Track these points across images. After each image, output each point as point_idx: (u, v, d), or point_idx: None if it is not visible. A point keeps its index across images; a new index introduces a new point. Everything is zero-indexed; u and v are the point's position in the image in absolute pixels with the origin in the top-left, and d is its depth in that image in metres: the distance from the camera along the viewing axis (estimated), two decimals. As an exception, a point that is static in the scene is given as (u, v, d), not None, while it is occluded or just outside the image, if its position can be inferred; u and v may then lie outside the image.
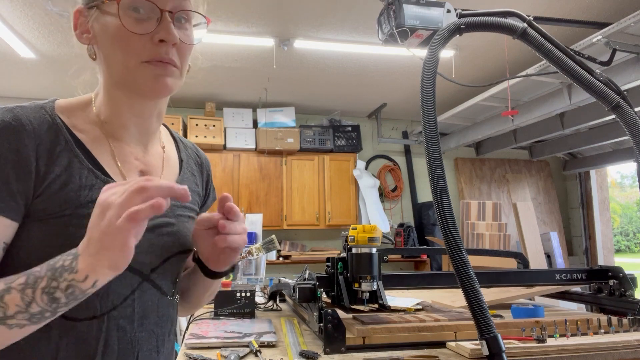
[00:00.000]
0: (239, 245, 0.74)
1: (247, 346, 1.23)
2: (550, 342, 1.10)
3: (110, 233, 0.56)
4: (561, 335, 1.16)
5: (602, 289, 1.60)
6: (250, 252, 2.00)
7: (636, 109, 1.31)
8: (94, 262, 0.58)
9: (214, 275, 0.83)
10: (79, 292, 0.59)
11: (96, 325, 0.69)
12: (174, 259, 0.81)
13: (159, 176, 0.83)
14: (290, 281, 1.81)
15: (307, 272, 1.52)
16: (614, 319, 1.24)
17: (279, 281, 2.09)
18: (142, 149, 0.82)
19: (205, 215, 0.77)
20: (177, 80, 0.76)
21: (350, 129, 5.49)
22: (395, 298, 1.72)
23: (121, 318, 0.72)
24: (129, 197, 0.57)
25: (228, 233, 0.73)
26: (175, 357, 1.02)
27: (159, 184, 0.58)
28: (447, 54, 3.85)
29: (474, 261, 1.02)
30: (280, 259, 5.09)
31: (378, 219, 5.33)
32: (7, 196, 0.64)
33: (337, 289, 1.37)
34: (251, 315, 1.66)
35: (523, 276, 1.64)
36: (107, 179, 0.73)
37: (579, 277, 1.60)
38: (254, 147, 5.13)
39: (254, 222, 3.00)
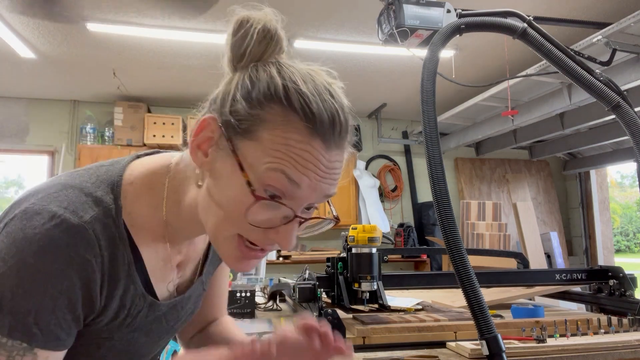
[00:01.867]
0: None
1: (247, 346, 1.23)
2: (550, 342, 1.10)
3: None
4: (561, 335, 1.16)
5: (602, 289, 1.60)
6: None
7: (636, 109, 1.31)
8: None
9: None
10: None
11: None
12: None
13: (194, 264, 0.79)
14: (290, 281, 1.81)
15: (307, 272, 1.52)
16: (614, 319, 1.24)
17: (279, 281, 2.09)
18: (189, 242, 0.76)
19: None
20: (260, 260, 0.72)
21: (350, 129, 5.48)
22: (395, 298, 1.72)
23: None
24: None
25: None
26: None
27: None
28: (447, 54, 3.85)
29: (474, 261, 1.02)
30: (280, 259, 5.09)
31: (378, 219, 5.33)
32: (73, 330, 0.60)
33: (337, 289, 1.37)
34: (251, 315, 1.66)
35: (523, 276, 1.64)
36: (153, 300, 0.69)
37: (579, 277, 1.60)
38: (254, 147, 5.12)
39: (254, 222, 3.00)
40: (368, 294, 1.32)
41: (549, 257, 5.09)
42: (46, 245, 0.56)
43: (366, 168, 5.63)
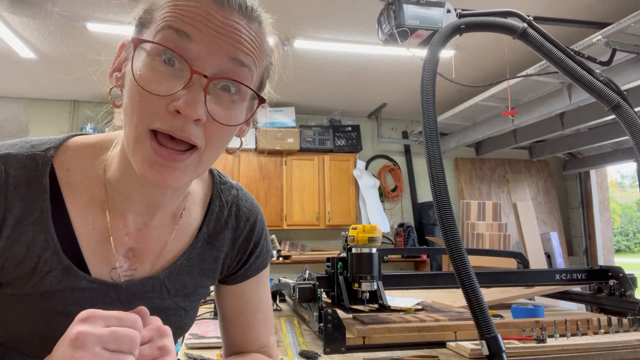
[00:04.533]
0: None
1: (247, 346, 1.23)
2: (550, 342, 1.10)
3: None
4: (561, 335, 1.16)
5: (602, 289, 1.60)
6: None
7: (636, 109, 1.31)
8: None
9: None
10: None
11: None
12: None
13: (156, 257, 0.70)
14: (290, 281, 1.81)
15: (307, 272, 1.52)
16: (614, 319, 1.24)
17: (279, 281, 2.09)
18: (145, 221, 0.68)
19: None
20: (192, 171, 0.59)
21: (350, 129, 5.48)
22: (395, 298, 1.71)
23: None
24: None
25: None
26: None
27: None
28: (447, 54, 3.85)
29: (474, 261, 1.02)
30: (280, 259, 5.09)
31: (378, 219, 5.33)
32: None
33: (337, 289, 1.37)
34: (251, 315, 1.65)
35: (523, 276, 1.64)
36: (69, 265, 0.61)
37: (579, 277, 1.60)
38: (254, 147, 5.13)
39: (254, 222, 3.00)
40: (368, 294, 1.32)
41: (549, 257, 5.09)
42: None
43: (366, 168, 5.64)
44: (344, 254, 1.37)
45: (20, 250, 0.60)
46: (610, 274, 1.57)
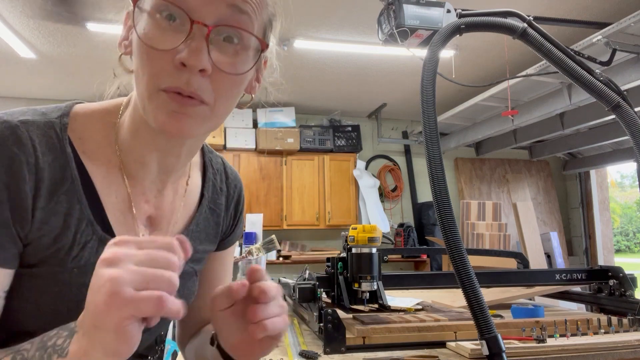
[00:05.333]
0: (282, 330, 0.57)
1: (247, 346, 1.22)
2: (550, 342, 1.10)
3: (102, 310, 0.42)
4: (561, 335, 1.16)
5: (602, 289, 1.60)
6: (250, 252, 2.00)
7: (636, 109, 1.31)
8: (87, 344, 0.44)
9: None
10: None
11: None
12: (165, 328, 0.73)
13: (169, 223, 0.70)
14: (290, 281, 1.81)
15: (307, 272, 1.52)
16: (614, 319, 1.24)
17: (279, 281, 2.09)
18: (158, 188, 0.68)
19: (221, 289, 0.58)
20: (205, 122, 0.58)
21: (350, 129, 5.49)
22: (395, 298, 1.71)
23: None
24: (136, 277, 0.43)
25: (264, 318, 0.55)
26: (176, 357, 1.01)
27: (170, 278, 0.44)
28: (447, 54, 3.85)
29: (474, 261, 1.02)
30: (280, 259, 5.09)
31: (378, 219, 5.33)
32: (7, 242, 0.54)
33: (337, 289, 1.37)
34: (251, 315, 1.65)
35: (523, 276, 1.64)
36: (104, 235, 0.61)
37: (579, 277, 1.60)
38: (254, 147, 5.13)
39: (254, 222, 3.00)
40: (368, 294, 1.32)
41: (549, 257, 5.09)
42: None
43: (366, 168, 5.64)
44: (344, 254, 1.37)
45: (57, 223, 0.57)
46: (610, 274, 1.57)
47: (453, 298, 1.76)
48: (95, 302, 0.43)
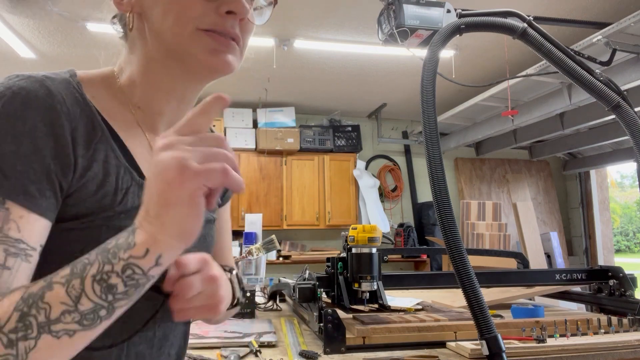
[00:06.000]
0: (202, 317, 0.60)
1: (247, 346, 1.23)
2: (550, 342, 1.10)
3: (174, 186, 0.43)
4: (561, 335, 1.16)
5: (602, 289, 1.60)
6: (250, 252, 2.00)
7: (636, 109, 1.31)
8: (155, 230, 0.45)
9: None
10: (139, 275, 0.45)
11: (115, 355, 0.59)
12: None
13: None
14: (290, 281, 1.81)
15: (307, 272, 1.52)
16: (614, 319, 1.24)
17: (279, 281, 2.09)
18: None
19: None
20: (239, 60, 0.65)
21: (350, 129, 5.49)
22: (395, 298, 1.71)
23: (141, 344, 0.62)
24: (197, 155, 0.45)
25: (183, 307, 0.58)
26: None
27: (226, 154, 0.47)
28: (447, 54, 3.85)
29: (474, 261, 1.02)
30: (280, 259, 5.09)
31: (378, 219, 5.33)
32: (48, 191, 0.53)
33: (337, 289, 1.37)
34: (251, 315, 1.66)
35: (523, 276, 1.64)
36: (142, 181, 0.62)
37: (579, 277, 1.60)
38: (254, 147, 5.13)
39: (254, 222, 3.00)
40: (368, 294, 1.32)
41: (549, 257, 5.09)
42: (2, 92, 0.53)
43: (366, 168, 5.64)
44: (344, 254, 1.37)
45: (98, 169, 0.58)
46: (610, 274, 1.57)
47: (453, 298, 1.76)
48: (166, 180, 0.43)
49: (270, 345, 1.25)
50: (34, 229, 0.51)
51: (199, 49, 0.60)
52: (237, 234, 5.16)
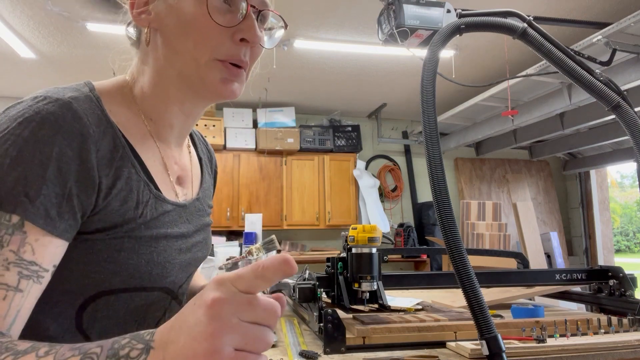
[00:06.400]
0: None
1: (247, 346, 1.22)
2: (550, 342, 1.10)
3: (198, 356, 0.40)
4: (561, 335, 1.16)
5: (602, 289, 1.60)
6: (250, 252, 2.00)
7: (636, 109, 1.31)
8: None
9: None
10: None
11: None
12: (194, 270, 0.78)
13: (191, 182, 0.79)
14: (290, 281, 1.81)
15: (307, 272, 1.52)
16: (614, 319, 1.24)
17: (279, 281, 2.09)
18: (179, 150, 0.77)
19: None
20: (243, 87, 0.70)
21: (350, 129, 5.49)
22: (395, 298, 1.71)
23: None
24: (238, 338, 0.42)
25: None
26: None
27: (269, 341, 0.45)
28: (447, 54, 3.85)
29: (474, 261, 1.02)
30: (280, 259, 5.09)
31: (378, 219, 5.33)
32: (67, 214, 0.56)
33: (337, 289, 1.37)
34: (251, 315, 1.65)
35: (523, 276, 1.64)
36: (158, 193, 0.68)
37: (579, 277, 1.60)
38: (254, 147, 5.13)
39: (254, 222, 3.00)
40: (368, 294, 1.32)
41: (549, 257, 5.09)
42: (32, 116, 0.55)
43: (366, 168, 5.64)
44: (344, 254, 1.37)
45: (122, 186, 0.62)
46: (610, 274, 1.57)
47: (453, 298, 1.76)
48: (193, 350, 0.41)
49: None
50: (49, 250, 0.54)
51: (211, 77, 0.65)
52: (237, 234, 5.16)
